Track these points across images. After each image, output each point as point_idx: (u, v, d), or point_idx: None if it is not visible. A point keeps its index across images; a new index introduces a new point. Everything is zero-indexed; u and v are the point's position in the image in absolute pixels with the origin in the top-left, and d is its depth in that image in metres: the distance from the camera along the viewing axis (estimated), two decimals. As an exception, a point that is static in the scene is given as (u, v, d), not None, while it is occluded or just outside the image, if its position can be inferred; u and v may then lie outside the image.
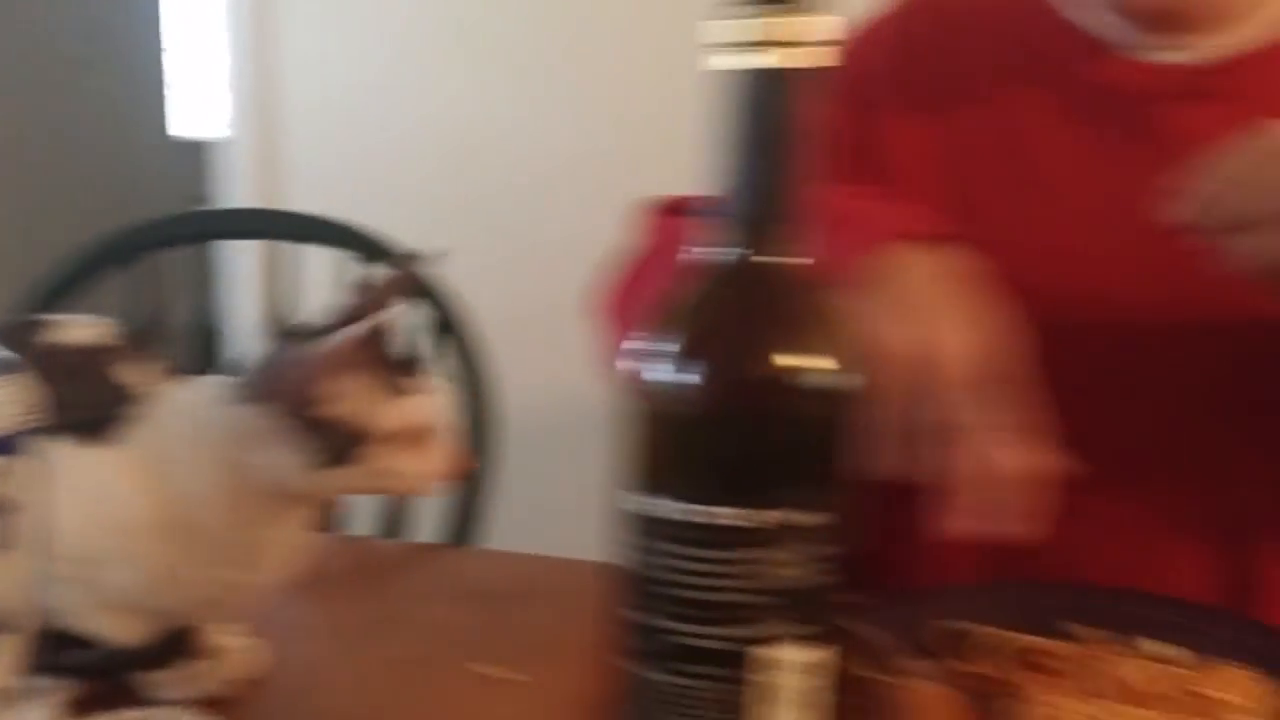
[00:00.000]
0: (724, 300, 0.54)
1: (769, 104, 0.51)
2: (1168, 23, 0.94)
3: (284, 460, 0.73)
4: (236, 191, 2.34)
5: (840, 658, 0.55)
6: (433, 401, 0.76)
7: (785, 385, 0.52)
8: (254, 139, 2.36)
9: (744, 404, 0.52)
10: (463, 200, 2.33)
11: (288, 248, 1.46)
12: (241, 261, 2.32)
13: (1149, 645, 0.80)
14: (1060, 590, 0.87)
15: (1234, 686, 0.73)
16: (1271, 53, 0.94)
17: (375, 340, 0.74)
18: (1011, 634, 0.82)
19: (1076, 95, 0.98)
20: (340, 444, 0.73)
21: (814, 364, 0.52)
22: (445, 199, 2.32)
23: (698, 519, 0.51)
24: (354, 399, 0.74)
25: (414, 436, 0.75)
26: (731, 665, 0.52)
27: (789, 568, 0.52)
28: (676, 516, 0.52)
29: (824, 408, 0.52)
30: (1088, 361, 0.95)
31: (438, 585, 1.03)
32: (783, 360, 0.52)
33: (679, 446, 0.54)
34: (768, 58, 0.50)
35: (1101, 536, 0.96)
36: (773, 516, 0.51)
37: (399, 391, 0.75)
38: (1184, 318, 0.93)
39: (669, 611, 0.53)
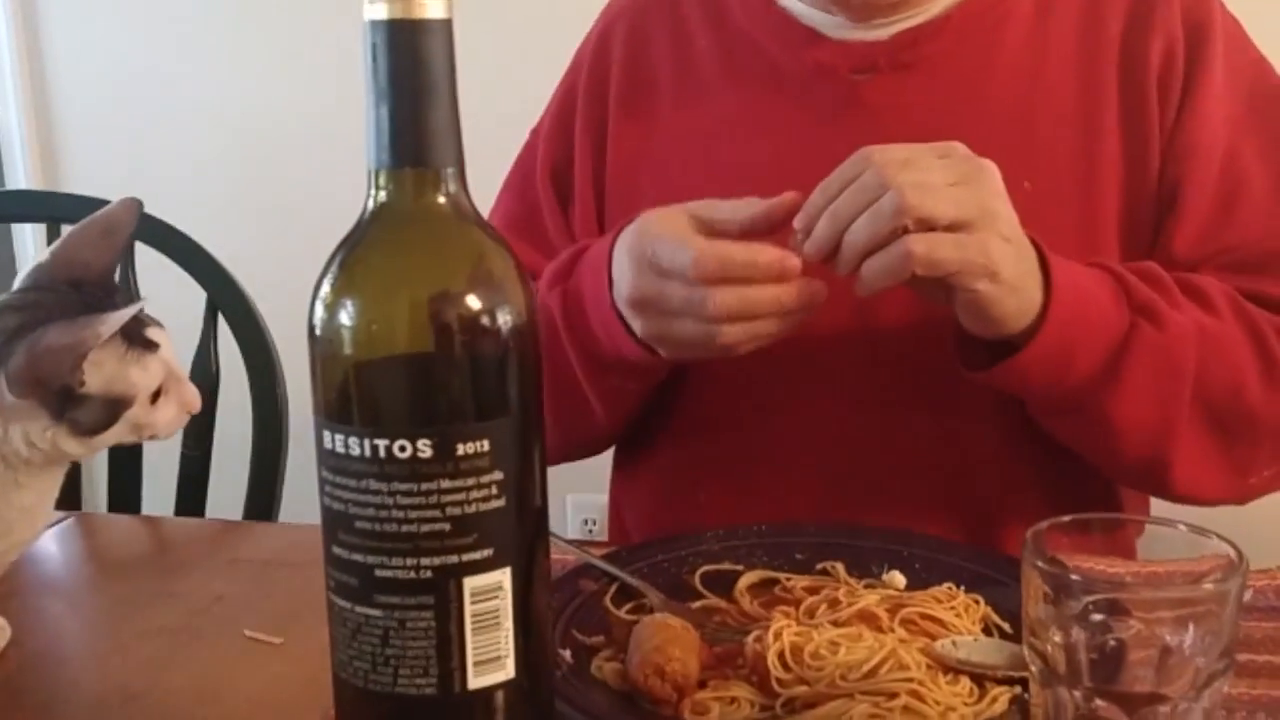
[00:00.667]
0: (370, 244, 0.56)
1: (392, 51, 0.53)
2: (872, 8, 1.00)
3: (45, 432, 0.75)
4: (17, 175, 2.29)
5: (530, 579, 0.57)
6: (168, 351, 0.79)
7: (431, 322, 0.54)
8: (26, 123, 2.31)
9: (393, 342, 0.55)
10: (237, 181, 2.35)
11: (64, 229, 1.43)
12: (25, 243, 2.26)
13: (891, 576, 0.86)
14: (806, 530, 0.91)
15: (959, 608, 0.79)
16: (954, 21, 1.00)
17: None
18: (759, 571, 0.87)
19: (790, 77, 1.03)
20: (102, 414, 0.76)
21: (460, 300, 0.54)
22: (220, 181, 2.33)
23: (379, 453, 0.53)
24: (109, 369, 0.76)
25: (160, 388, 0.79)
26: (424, 593, 0.54)
27: (468, 495, 0.54)
28: (357, 451, 0.54)
29: (475, 340, 0.54)
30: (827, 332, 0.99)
31: (215, 558, 1.03)
32: (427, 299, 0.54)
33: (354, 384, 0.56)
34: (382, 9, 0.53)
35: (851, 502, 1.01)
36: (448, 447, 0.53)
37: (143, 349, 0.77)
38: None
39: (361, 545, 0.55)
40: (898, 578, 0.85)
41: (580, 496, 2.30)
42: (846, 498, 1.00)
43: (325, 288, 0.55)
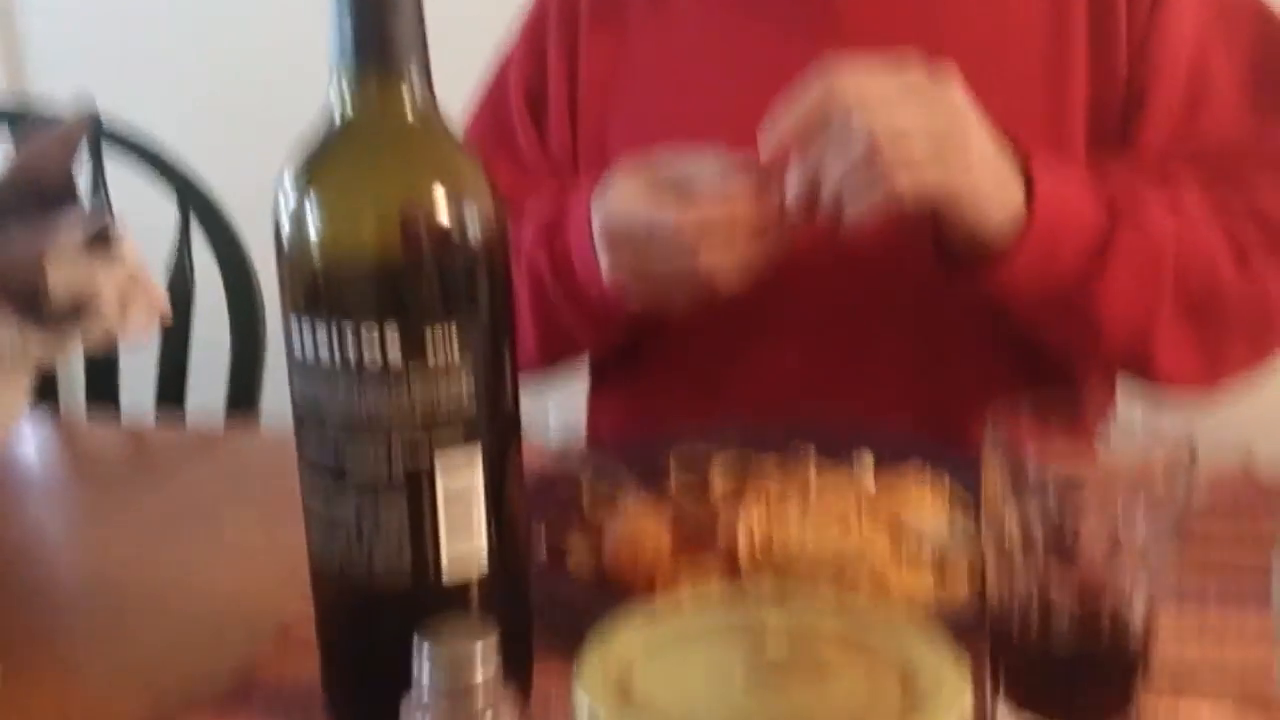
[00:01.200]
0: (335, 149, 0.56)
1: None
2: None
3: (6, 335, 0.75)
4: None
5: (503, 475, 0.59)
6: (133, 254, 0.78)
7: (398, 225, 0.54)
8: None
9: (360, 245, 0.55)
10: (205, 84, 2.31)
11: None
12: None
13: (861, 472, 0.87)
14: (781, 426, 0.92)
15: (922, 503, 0.81)
16: None
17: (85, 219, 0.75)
18: (731, 465, 0.89)
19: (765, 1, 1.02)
20: (62, 317, 0.75)
21: (427, 202, 0.54)
22: (188, 83, 2.30)
23: (348, 352, 0.54)
24: (69, 271, 0.75)
25: (124, 293, 0.78)
26: (396, 490, 0.56)
27: (438, 393, 0.55)
28: (326, 352, 0.54)
29: (443, 241, 0.55)
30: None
31: (195, 460, 1.05)
32: (394, 202, 0.55)
33: (322, 285, 0.56)
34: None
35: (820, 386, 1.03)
36: (417, 346, 0.54)
37: (105, 252, 0.77)
38: None
39: (333, 443, 0.56)
40: (868, 457, 0.86)
41: (562, 398, 2.32)
42: (819, 407, 1.01)
43: (291, 191, 0.55)
